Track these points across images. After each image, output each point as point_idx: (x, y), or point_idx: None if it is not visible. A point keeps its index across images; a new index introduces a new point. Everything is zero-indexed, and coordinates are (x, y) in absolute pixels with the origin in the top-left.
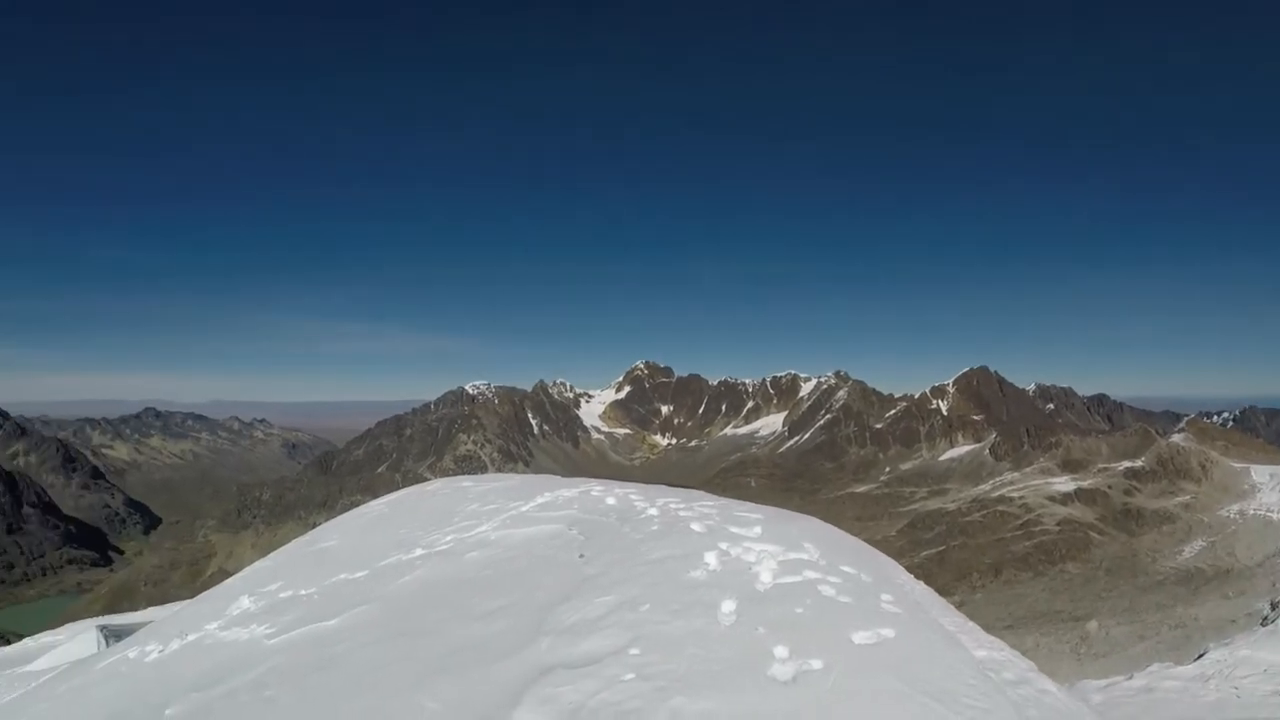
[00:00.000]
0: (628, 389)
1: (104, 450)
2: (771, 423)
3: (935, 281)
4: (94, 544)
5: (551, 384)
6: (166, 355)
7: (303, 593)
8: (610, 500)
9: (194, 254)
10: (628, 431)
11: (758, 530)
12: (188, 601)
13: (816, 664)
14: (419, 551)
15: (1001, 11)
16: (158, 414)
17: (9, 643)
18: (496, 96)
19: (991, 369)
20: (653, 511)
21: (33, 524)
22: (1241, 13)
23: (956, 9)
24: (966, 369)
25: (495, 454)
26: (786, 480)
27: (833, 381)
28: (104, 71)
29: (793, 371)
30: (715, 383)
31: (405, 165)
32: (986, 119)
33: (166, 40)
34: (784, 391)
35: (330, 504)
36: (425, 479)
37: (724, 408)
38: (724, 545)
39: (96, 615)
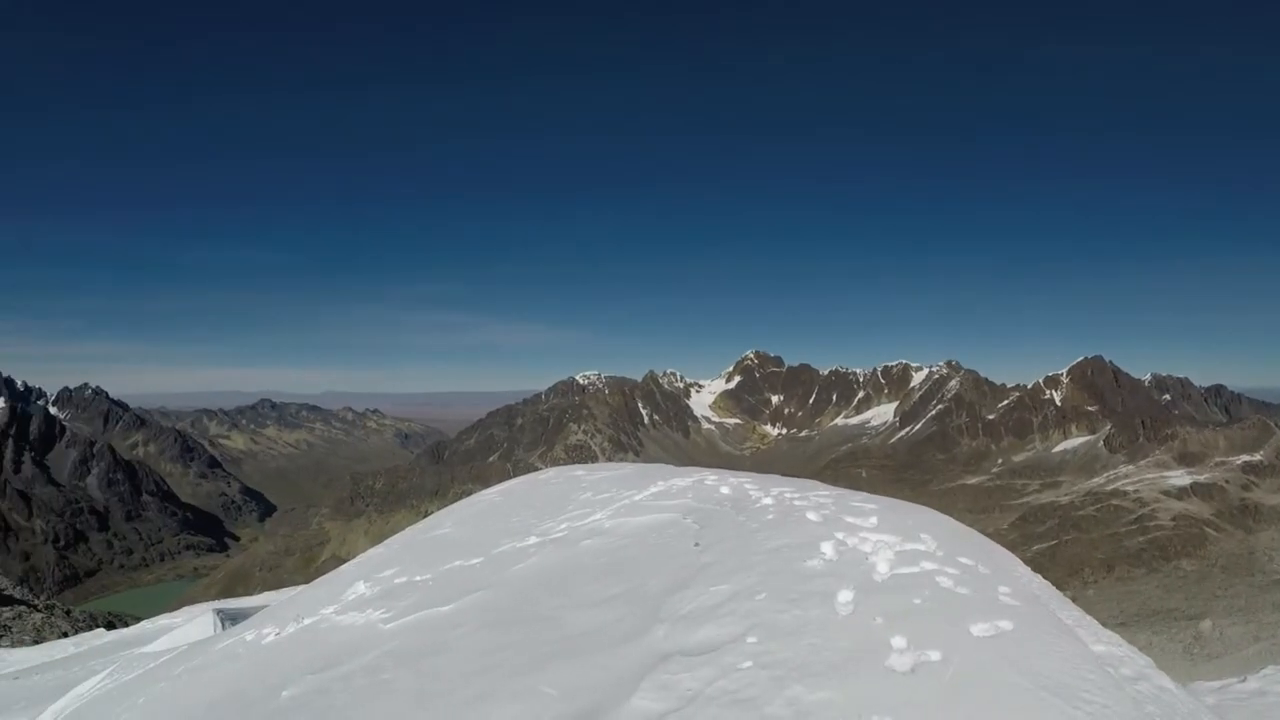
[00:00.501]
0: (738, 379)
1: (221, 440)
2: (882, 413)
3: (1050, 269)
4: (210, 530)
5: (662, 374)
6: (282, 349)
7: (418, 579)
8: (725, 489)
9: (309, 251)
10: (738, 421)
11: (874, 520)
12: (303, 587)
13: (935, 655)
14: (533, 539)
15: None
16: (273, 405)
17: (127, 625)
18: (603, 99)
19: (1106, 358)
20: (768, 501)
21: (151, 511)
22: None
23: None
24: (1081, 358)
25: (605, 444)
26: (897, 471)
27: (944, 371)
28: (217, 77)
29: (904, 361)
30: (826, 372)
31: (518, 162)
32: (1100, 110)
33: (280, 48)
34: (895, 381)
35: (442, 492)
36: (536, 468)
37: (834, 397)
38: (840, 535)
39: (212, 599)
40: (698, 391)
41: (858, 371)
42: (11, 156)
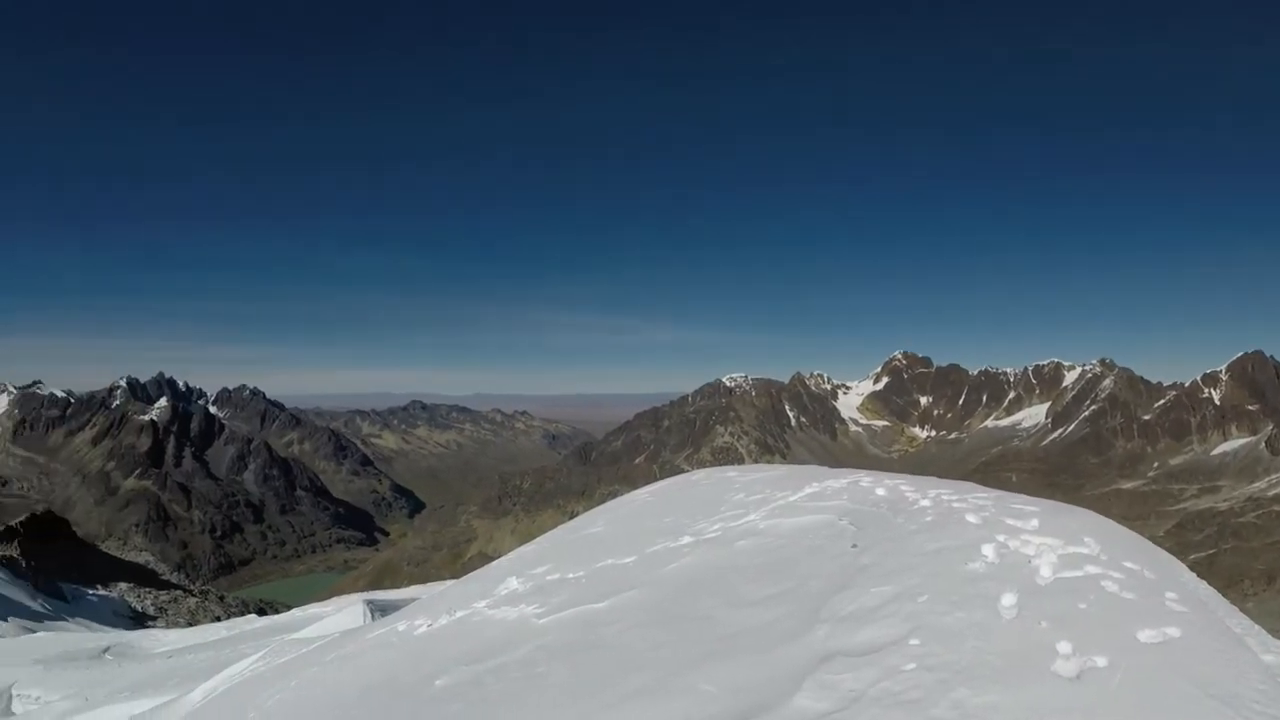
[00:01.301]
0: (886, 380)
1: (373, 439)
2: (1034, 414)
3: (1208, 259)
4: (361, 525)
5: (809, 375)
6: (432, 352)
7: (570, 576)
8: (880, 491)
9: (460, 257)
10: (886, 424)
11: (1035, 523)
12: (454, 581)
13: (1101, 661)
14: (686, 539)
15: None
16: (424, 406)
17: (278, 612)
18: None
19: (1268, 353)
20: (925, 503)
21: (305, 505)
22: None
23: None
24: (1240, 354)
25: (752, 446)
26: (1049, 475)
27: (1098, 370)
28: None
29: (1056, 359)
30: (975, 372)
31: (664, 170)
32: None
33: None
34: (1047, 381)
35: (589, 493)
36: (682, 470)
37: (984, 398)
38: (1001, 538)
39: (361, 591)
40: (845, 393)
41: (1008, 371)
42: (186, 169)
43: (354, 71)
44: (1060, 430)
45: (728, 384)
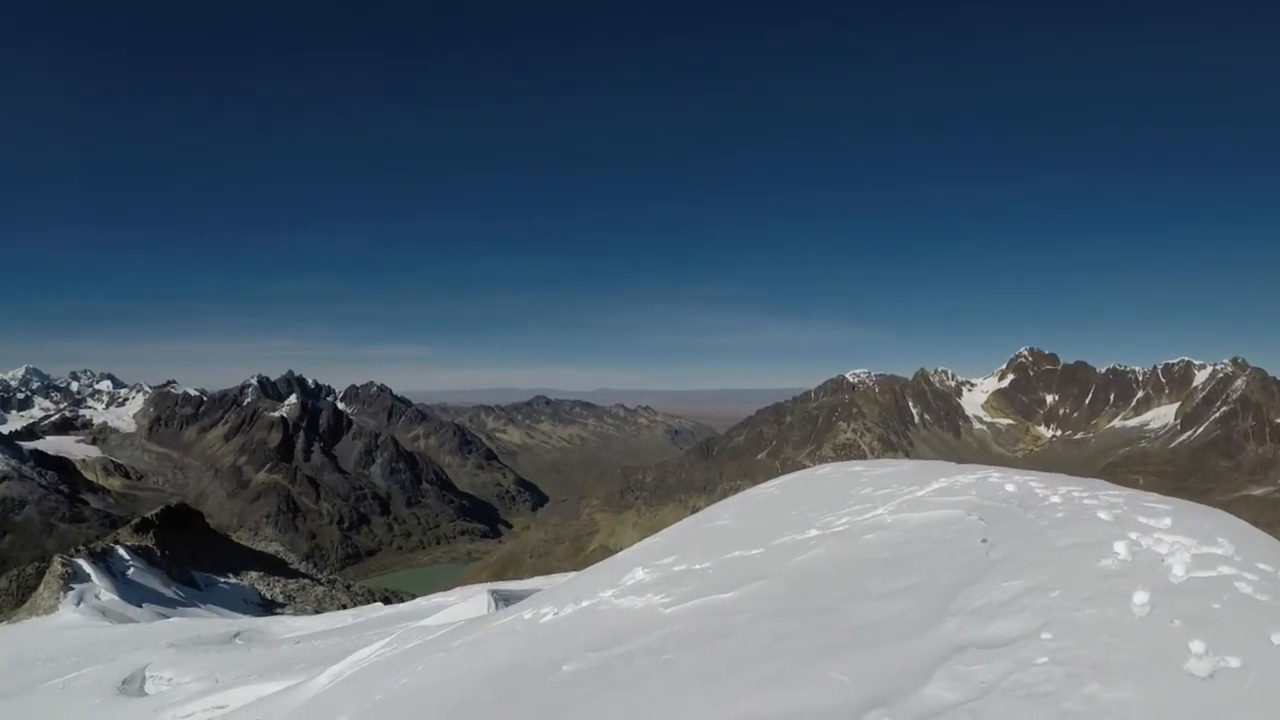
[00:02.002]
0: (1011, 377)
1: (497, 434)
2: (1162, 414)
3: None
4: (485, 518)
5: (933, 372)
6: (556, 349)
7: (696, 567)
8: (1009, 487)
9: (584, 258)
10: (1010, 422)
11: (1168, 522)
12: (579, 572)
13: (1234, 662)
14: (813, 532)
15: None
16: (547, 401)
17: (403, 601)
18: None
19: None
20: (1055, 499)
21: (430, 498)
22: None
23: None
24: None
25: (875, 442)
26: (1177, 479)
27: (1229, 369)
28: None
29: (1186, 358)
30: (1103, 370)
31: (791, 170)
32: None
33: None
34: (1176, 380)
35: (710, 488)
36: (804, 467)
37: (1112, 397)
38: (1133, 535)
39: (484, 582)
40: (969, 390)
41: (1136, 370)
42: (316, 170)
43: (472, 70)
44: (1190, 432)
45: (850, 380)
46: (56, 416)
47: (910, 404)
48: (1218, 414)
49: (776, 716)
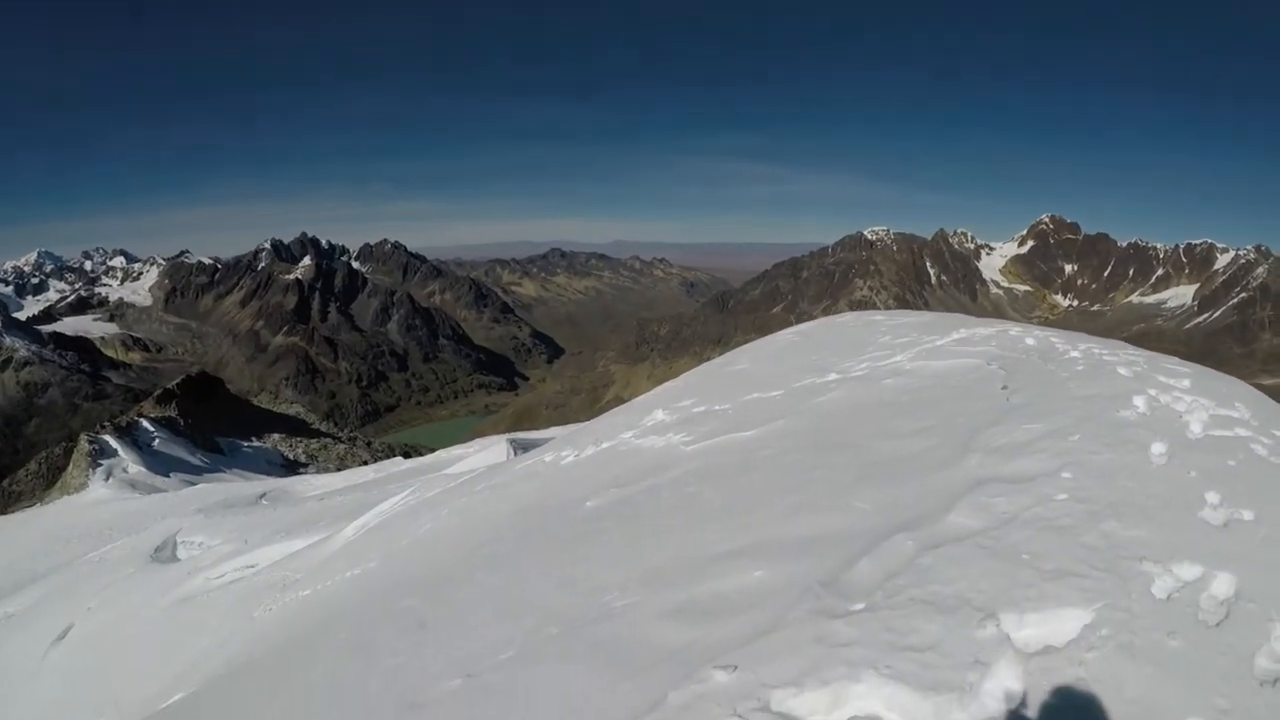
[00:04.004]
0: (1031, 243)
1: (513, 287)
2: (1180, 294)
3: None
4: (502, 371)
5: (952, 233)
6: (572, 201)
7: (717, 408)
8: (1030, 340)
9: (602, 107)
10: (1027, 289)
11: (1186, 383)
12: (599, 416)
13: (1248, 515)
14: (833, 376)
15: None
16: (563, 254)
17: (422, 455)
18: None
19: None
20: (1075, 354)
21: (447, 353)
22: None
23: None
24: None
25: (891, 301)
26: (1189, 360)
27: (1252, 256)
28: None
29: (1209, 240)
30: (1124, 244)
31: (816, 14)
32: None
33: None
34: (1197, 261)
35: (725, 341)
36: None
37: (1131, 272)
38: (1152, 391)
39: (502, 433)
40: (988, 254)
41: (1158, 247)
42: (315, 30)
43: None
44: (1206, 315)
45: (869, 237)
46: (72, 297)
47: (928, 264)
48: (1236, 300)
49: (801, 541)
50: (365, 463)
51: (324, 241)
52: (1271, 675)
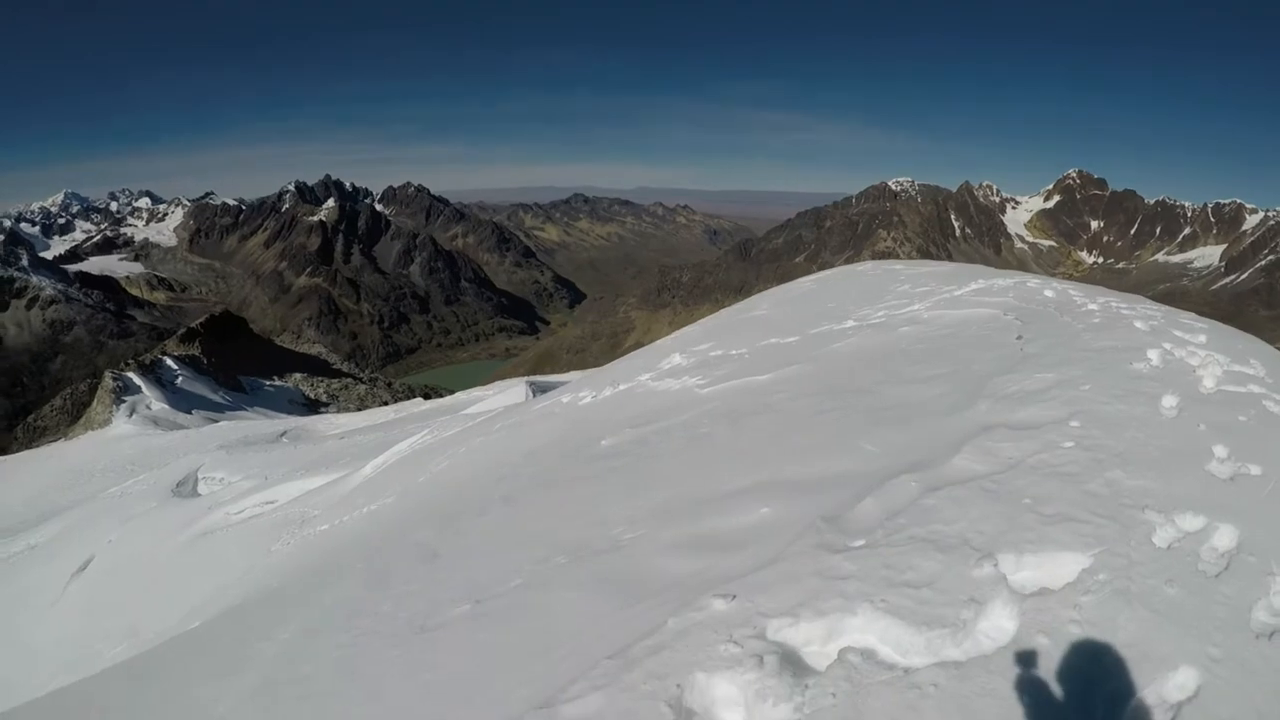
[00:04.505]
0: (1057, 198)
1: (535, 232)
2: (1208, 254)
3: None
4: (523, 315)
5: (977, 186)
6: (595, 146)
7: (733, 352)
8: (1048, 293)
9: (626, 51)
10: (1052, 244)
11: (1202, 338)
12: (617, 360)
13: (1255, 470)
14: (850, 323)
15: None
16: (585, 199)
17: (442, 396)
18: None
19: None
20: (1093, 306)
21: (469, 296)
22: None
23: None
24: None
25: (914, 253)
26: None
27: None
28: None
29: (1238, 200)
30: (1151, 202)
31: None
32: None
33: None
34: (1226, 221)
35: (747, 289)
36: None
37: (1157, 231)
38: (1167, 346)
39: (521, 376)
40: (1013, 207)
41: (1186, 205)
42: None
43: None
44: (1233, 276)
45: (893, 188)
46: (98, 237)
47: (952, 217)
48: (1264, 261)
49: (808, 481)
50: (385, 403)
51: (348, 184)
52: (1268, 628)
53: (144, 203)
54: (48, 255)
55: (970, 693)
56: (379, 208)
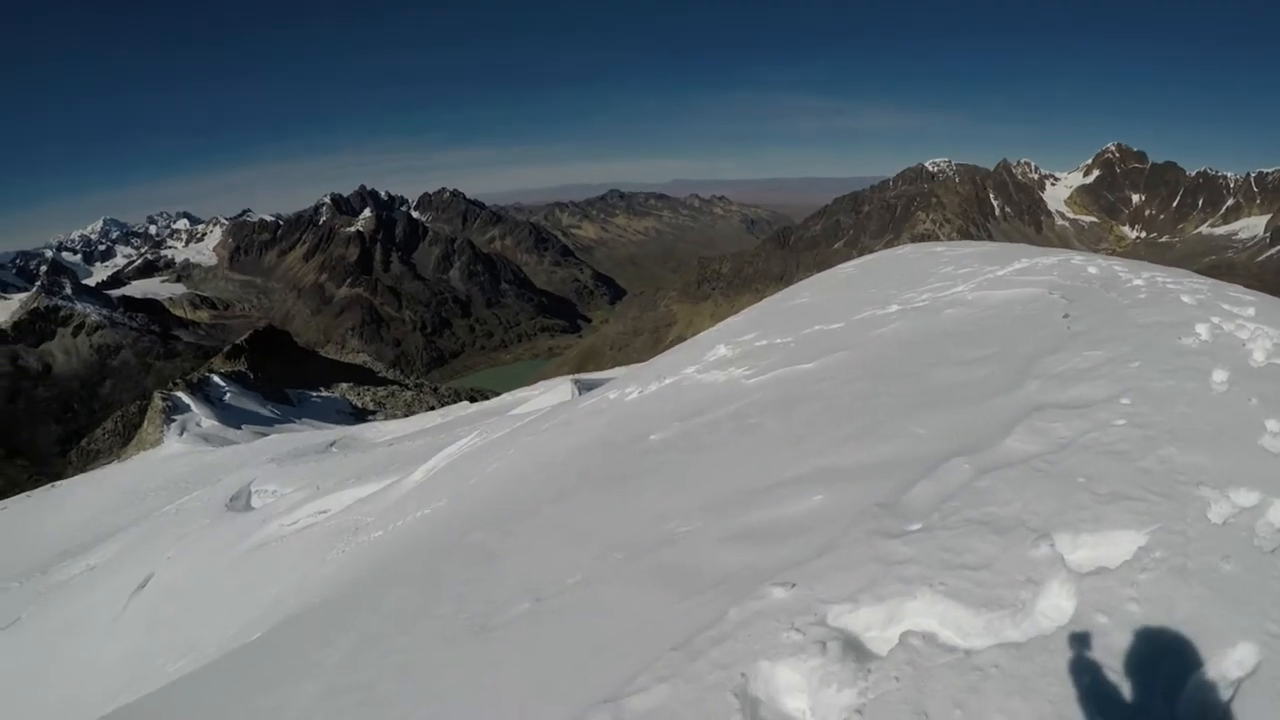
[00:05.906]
0: (1096, 173)
1: (573, 230)
2: (1252, 225)
3: None
4: (564, 314)
5: (1015, 164)
6: (628, 141)
7: (778, 341)
8: (1092, 269)
9: (658, 45)
10: (1094, 220)
11: (1251, 311)
12: (661, 354)
13: None
14: (894, 307)
15: None
16: (621, 195)
17: (488, 398)
18: None
19: None
20: (1138, 282)
21: (509, 298)
22: None
23: None
24: None
25: (954, 234)
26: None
27: None
28: None
29: None
30: (1193, 173)
31: None
32: None
33: None
34: (1270, 191)
35: (787, 277)
36: None
37: (1200, 203)
38: (1215, 319)
39: (566, 375)
40: (1053, 184)
41: (1229, 176)
42: None
43: None
44: (1279, 246)
45: (930, 169)
46: (139, 261)
47: (991, 196)
48: None
49: (860, 467)
50: (432, 408)
51: (383, 193)
52: None
53: (182, 224)
54: (90, 282)
55: (1031, 673)
56: (415, 214)
